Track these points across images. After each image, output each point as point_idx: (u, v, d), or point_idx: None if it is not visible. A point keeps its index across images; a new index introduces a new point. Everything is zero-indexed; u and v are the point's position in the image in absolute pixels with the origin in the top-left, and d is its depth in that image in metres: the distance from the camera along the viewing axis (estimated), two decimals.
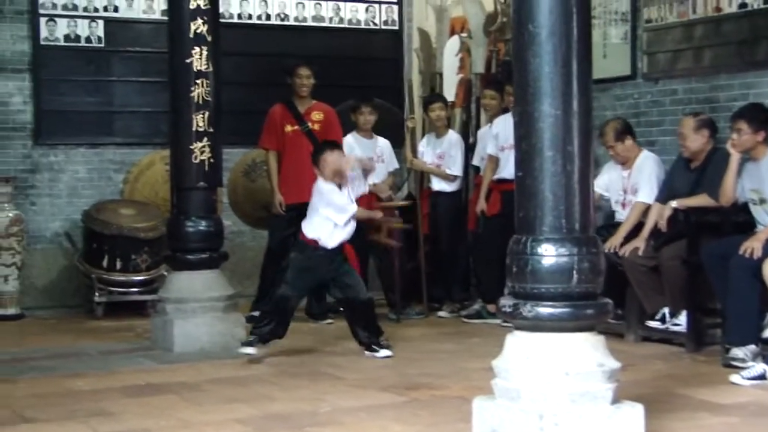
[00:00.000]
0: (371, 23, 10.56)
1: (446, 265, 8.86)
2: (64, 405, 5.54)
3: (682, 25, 7.92)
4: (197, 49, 7.20)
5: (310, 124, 8.55)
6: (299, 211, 8.40)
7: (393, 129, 9.36)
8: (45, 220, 9.37)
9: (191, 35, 7.18)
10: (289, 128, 8.56)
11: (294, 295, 6.90)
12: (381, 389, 5.78)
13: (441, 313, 8.75)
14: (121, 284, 8.95)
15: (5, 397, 5.74)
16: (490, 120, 8.66)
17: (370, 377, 6.16)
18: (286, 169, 8.55)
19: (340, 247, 6.87)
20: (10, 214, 8.85)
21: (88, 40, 9.56)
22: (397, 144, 9.22)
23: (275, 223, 8.61)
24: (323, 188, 6.80)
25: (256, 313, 8.10)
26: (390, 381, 6.01)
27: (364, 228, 7.73)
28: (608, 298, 4.21)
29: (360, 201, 7.10)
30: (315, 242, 6.79)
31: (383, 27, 10.63)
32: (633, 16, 8.28)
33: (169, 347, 7.07)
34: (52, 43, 9.44)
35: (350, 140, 8.70)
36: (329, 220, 6.78)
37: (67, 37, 9.49)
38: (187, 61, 7.19)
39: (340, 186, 6.80)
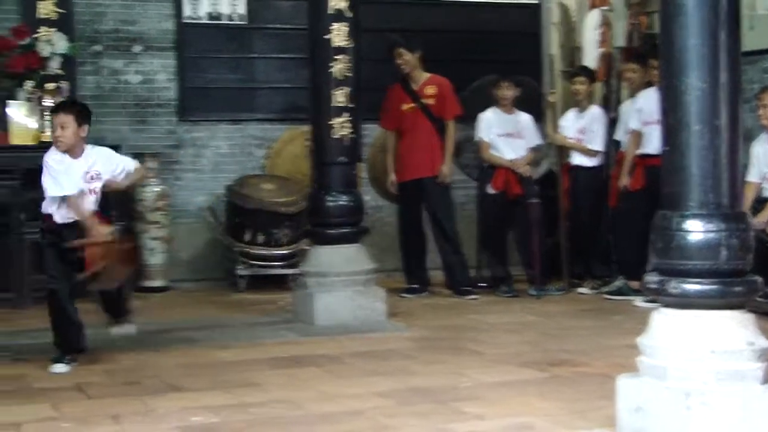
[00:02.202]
0: None
1: (586, 241, 8.78)
2: (210, 375, 5.66)
3: None
4: (336, 24, 7.25)
5: (424, 99, 8.60)
6: (419, 186, 8.52)
7: (533, 104, 9.29)
8: (189, 194, 9.58)
9: (331, 11, 7.23)
10: (405, 106, 8.65)
11: (58, 285, 5.91)
12: (522, 365, 5.76)
13: (581, 290, 8.67)
14: (262, 258, 9.09)
15: (154, 366, 5.90)
16: (632, 94, 8.52)
17: (511, 352, 6.14)
18: (403, 146, 8.67)
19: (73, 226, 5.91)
20: (156, 189, 9.07)
21: (230, 17, 9.72)
22: (538, 119, 9.15)
23: (402, 200, 8.73)
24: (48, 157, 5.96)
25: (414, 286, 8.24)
26: (531, 357, 5.99)
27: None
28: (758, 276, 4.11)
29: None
30: (49, 217, 5.97)
31: (522, 1, 10.54)
32: None
33: (310, 320, 7.16)
34: (195, 21, 9.63)
35: (490, 115, 8.69)
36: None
37: (209, 15, 9.66)
38: (327, 37, 7.24)
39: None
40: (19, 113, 8.65)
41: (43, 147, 8.45)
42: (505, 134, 8.69)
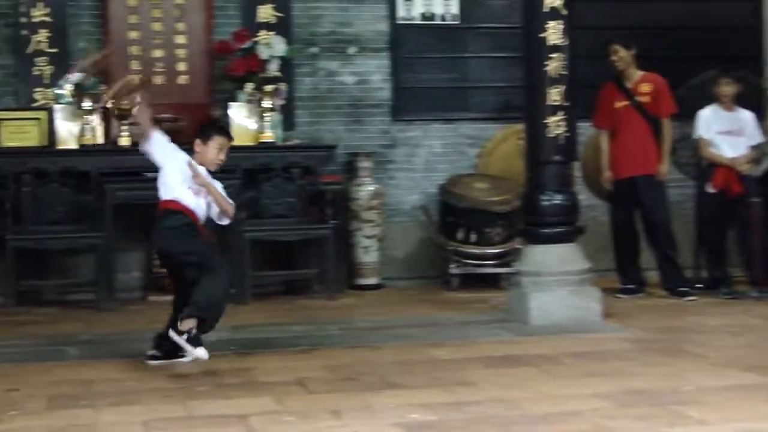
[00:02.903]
0: None
1: None
2: (426, 372, 5.71)
3: None
4: (552, 23, 7.21)
5: (638, 97, 8.46)
6: (632, 185, 8.39)
7: (754, 100, 9.02)
8: (402, 193, 9.67)
9: (546, 9, 7.19)
10: (618, 104, 8.53)
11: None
12: (746, 369, 5.60)
13: None
14: (475, 257, 9.10)
15: (371, 363, 5.99)
16: None
17: (734, 356, 5.98)
18: (616, 145, 8.57)
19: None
20: (371, 188, 9.21)
21: (443, 17, 9.78)
22: (760, 116, 8.87)
23: (615, 199, 8.61)
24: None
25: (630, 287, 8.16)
26: (755, 360, 5.82)
27: None
28: None
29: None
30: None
31: None
32: None
33: (524, 320, 7.14)
34: (408, 22, 9.72)
35: (708, 113, 8.49)
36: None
37: (422, 16, 9.74)
38: (542, 35, 7.21)
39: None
40: (239, 115, 8.93)
41: (263, 147, 8.79)
42: (725, 132, 8.46)
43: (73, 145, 8.70)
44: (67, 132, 8.73)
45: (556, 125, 7.23)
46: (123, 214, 8.56)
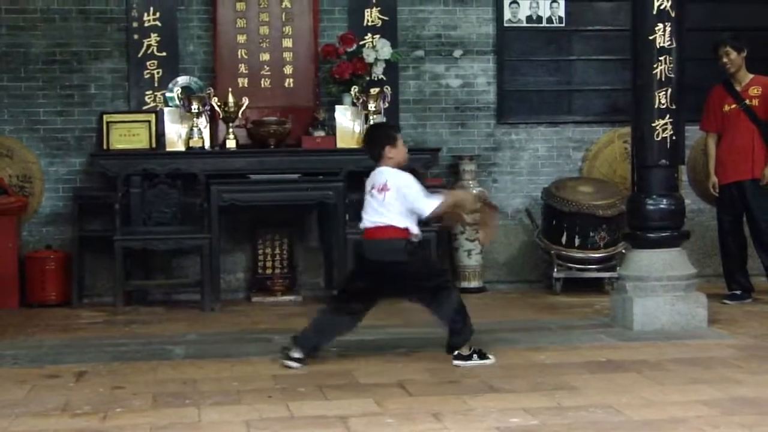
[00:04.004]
0: None
1: None
2: (528, 377, 5.68)
3: None
4: (660, 25, 7.11)
5: (747, 100, 8.32)
6: (739, 189, 8.24)
7: None
8: (506, 196, 9.64)
9: (655, 11, 7.10)
10: (726, 107, 8.39)
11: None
12: None
13: None
14: (579, 261, 9.03)
15: (473, 366, 5.98)
16: None
17: None
18: (723, 148, 8.44)
19: None
20: (474, 191, 9.17)
21: (549, 20, 9.72)
22: None
23: (721, 203, 8.48)
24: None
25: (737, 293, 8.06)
26: None
27: None
28: None
29: None
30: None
31: None
32: None
33: (628, 325, 7.06)
34: (514, 25, 9.68)
35: None
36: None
37: (528, 18, 9.70)
38: (650, 37, 7.12)
39: None
40: (344, 117, 8.99)
41: None
42: None
43: (180, 148, 8.86)
44: (175, 134, 8.89)
45: (663, 128, 7.14)
46: (228, 215, 8.69)
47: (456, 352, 6.07)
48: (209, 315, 8.21)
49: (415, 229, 6.11)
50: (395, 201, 6.04)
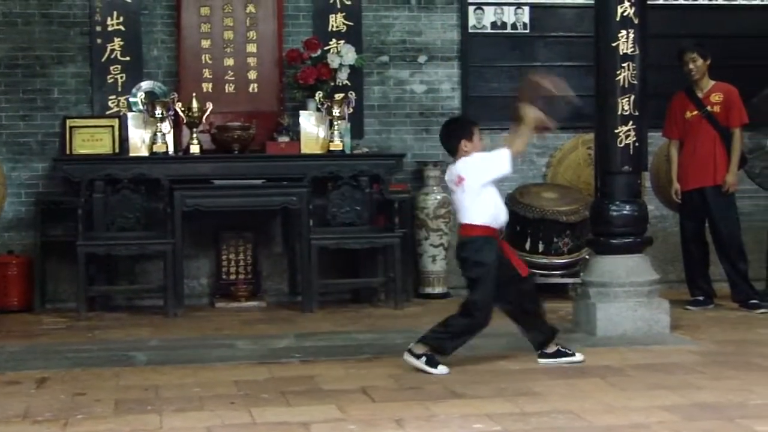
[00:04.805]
0: None
1: None
2: (491, 383, 5.69)
3: None
4: (624, 32, 7.15)
5: (709, 107, 8.36)
6: (701, 196, 8.29)
7: None
8: None
9: (618, 18, 7.14)
10: (688, 114, 8.44)
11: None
12: None
13: None
14: (542, 267, 9.03)
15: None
16: None
17: None
18: (686, 155, 8.47)
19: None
20: (438, 197, 9.20)
21: (513, 26, 9.75)
22: None
23: (684, 209, 8.52)
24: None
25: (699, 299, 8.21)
26: None
27: None
28: None
29: None
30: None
31: None
32: None
33: (591, 331, 7.08)
34: (479, 31, 9.71)
35: None
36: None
37: (493, 24, 9.72)
38: (614, 44, 7.16)
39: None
40: (309, 123, 8.98)
41: (332, 156, 8.83)
42: None
43: (144, 153, 8.81)
44: (139, 139, 8.84)
45: (626, 135, 7.17)
46: (192, 221, 8.66)
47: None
48: (172, 321, 8.17)
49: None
50: (475, 186, 6.02)
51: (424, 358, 6.00)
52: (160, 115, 8.71)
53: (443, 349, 6.04)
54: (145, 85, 9.10)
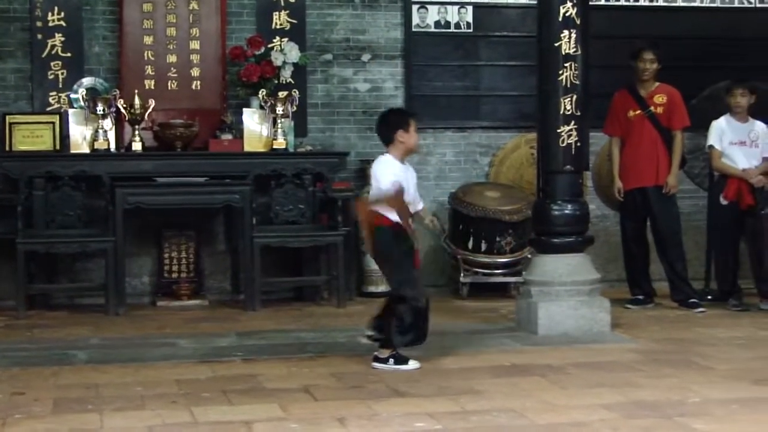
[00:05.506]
0: (745, 1, 10.17)
1: None
2: (433, 381, 5.70)
3: None
4: (566, 32, 7.20)
5: (652, 107, 8.43)
6: (642, 196, 8.37)
7: None
8: None
9: (560, 19, 7.18)
10: (631, 113, 8.50)
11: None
12: (754, 382, 5.58)
13: None
14: (485, 266, 9.09)
15: (378, 371, 5.99)
16: None
17: (742, 368, 5.96)
18: (627, 155, 8.54)
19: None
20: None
21: (457, 25, 9.78)
22: None
23: (625, 209, 8.59)
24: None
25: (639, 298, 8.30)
26: (763, 374, 5.80)
27: None
28: None
29: None
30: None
31: (758, 5, 10.21)
32: None
33: (533, 329, 7.12)
34: (422, 30, 9.72)
35: (722, 123, 8.47)
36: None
37: (437, 23, 9.75)
38: (556, 44, 7.20)
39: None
40: (252, 120, 8.94)
41: (275, 154, 8.80)
42: (738, 143, 8.43)
43: (85, 150, 8.73)
44: (80, 136, 8.76)
45: (568, 134, 7.22)
46: (134, 218, 8.59)
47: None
48: (113, 319, 8.10)
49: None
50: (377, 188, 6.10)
51: (391, 360, 6.04)
52: (102, 112, 8.63)
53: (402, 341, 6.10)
54: (87, 81, 9.01)
